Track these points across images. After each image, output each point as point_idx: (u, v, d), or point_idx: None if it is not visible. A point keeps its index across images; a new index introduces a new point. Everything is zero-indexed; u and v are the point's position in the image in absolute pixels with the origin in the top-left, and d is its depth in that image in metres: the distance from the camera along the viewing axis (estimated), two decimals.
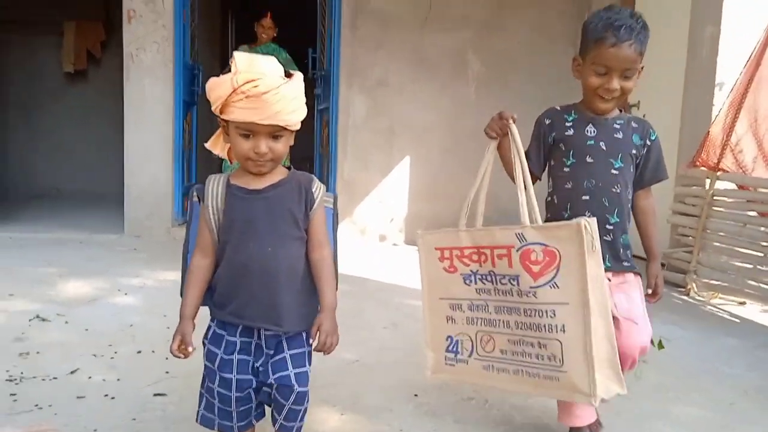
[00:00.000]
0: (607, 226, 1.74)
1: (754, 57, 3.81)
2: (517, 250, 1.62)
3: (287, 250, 1.46)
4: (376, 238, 5.56)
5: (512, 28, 5.57)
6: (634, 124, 1.81)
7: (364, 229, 5.56)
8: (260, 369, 1.49)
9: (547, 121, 1.85)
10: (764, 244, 3.57)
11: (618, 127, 1.79)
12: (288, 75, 1.40)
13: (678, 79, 4.41)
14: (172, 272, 4.01)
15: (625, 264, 1.78)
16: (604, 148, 1.76)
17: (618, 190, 1.76)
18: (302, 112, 1.42)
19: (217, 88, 1.37)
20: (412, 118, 5.55)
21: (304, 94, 1.43)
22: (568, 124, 1.81)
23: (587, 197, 1.75)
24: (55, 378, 2.23)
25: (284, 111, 1.37)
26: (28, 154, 8.21)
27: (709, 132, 3.97)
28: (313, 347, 1.46)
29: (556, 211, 1.82)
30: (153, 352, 2.51)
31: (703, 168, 3.99)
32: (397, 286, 3.83)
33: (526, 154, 1.80)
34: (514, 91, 5.53)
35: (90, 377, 2.24)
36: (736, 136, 3.87)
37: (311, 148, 6.26)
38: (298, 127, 1.44)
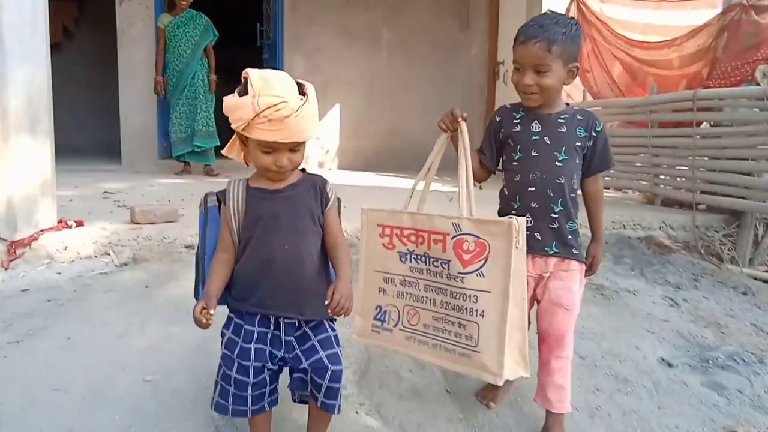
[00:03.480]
0: (552, 215, 1.82)
1: None
2: (452, 238, 1.73)
3: (307, 244, 1.56)
4: (316, 165, 7.38)
5: (413, 9, 7.46)
6: (579, 117, 1.83)
7: (306, 159, 7.25)
8: (288, 357, 1.58)
9: (498, 119, 1.92)
10: None
11: (562, 121, 1.83)
12: (301, 89, 1.48)
13: None
14: (173, 179, 5.70)
15: (573, 251, 1.84)
16: (549, 142, 1.82)
17: (562, 181, 1.81)
18: (318, 126, 1.49)
19: (238, 110, 1.43)
20: (339, 76, 7.31)
21: (317, 107, 1.49)
22: (516, 121, 1.87)
23: (533, 188, 1.82)
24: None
25: (304, 129, 1.45)
26: None
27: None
28: (329, 308, 1.47)
29: (506, 201, 1.90)
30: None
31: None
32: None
33: (481, 149, 1.94)
34: (414, 55, 7.48)
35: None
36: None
37: None
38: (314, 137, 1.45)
